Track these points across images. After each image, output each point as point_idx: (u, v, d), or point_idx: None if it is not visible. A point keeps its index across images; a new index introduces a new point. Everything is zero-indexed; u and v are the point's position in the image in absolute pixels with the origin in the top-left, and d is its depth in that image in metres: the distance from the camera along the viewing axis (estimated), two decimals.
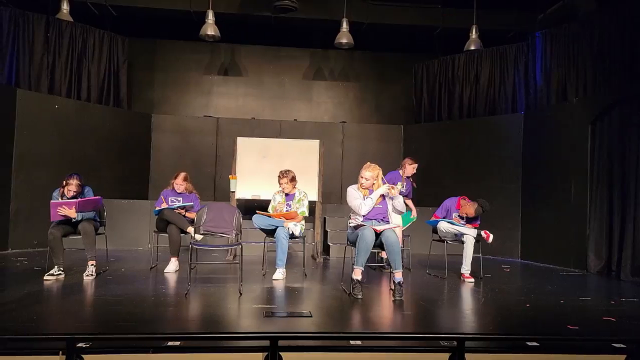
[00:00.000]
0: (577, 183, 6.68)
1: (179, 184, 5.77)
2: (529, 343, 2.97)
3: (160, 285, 4.95)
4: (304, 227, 5.56)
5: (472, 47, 7.96)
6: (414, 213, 6.23)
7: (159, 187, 7.01)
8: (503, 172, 7.89)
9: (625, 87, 6.24)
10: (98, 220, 5.41)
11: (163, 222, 5.57)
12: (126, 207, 7.72)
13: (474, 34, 7.93)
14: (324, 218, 7.78)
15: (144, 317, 3.69)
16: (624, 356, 2.74)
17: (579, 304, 4.50)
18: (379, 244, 4.54)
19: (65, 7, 7.61)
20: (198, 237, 5.05)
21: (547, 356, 2.85)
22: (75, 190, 5.11)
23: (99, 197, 5.31)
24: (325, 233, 7.74)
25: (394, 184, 5.47)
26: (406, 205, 5.72)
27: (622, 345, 2.88)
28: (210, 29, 7.78)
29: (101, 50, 8.63)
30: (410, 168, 6.13)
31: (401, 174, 6.12)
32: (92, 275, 5.05)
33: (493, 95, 8.62)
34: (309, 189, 6.20)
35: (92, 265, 5.09)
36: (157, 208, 5.62)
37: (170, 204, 5.68)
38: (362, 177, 4.70)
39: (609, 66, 6.61)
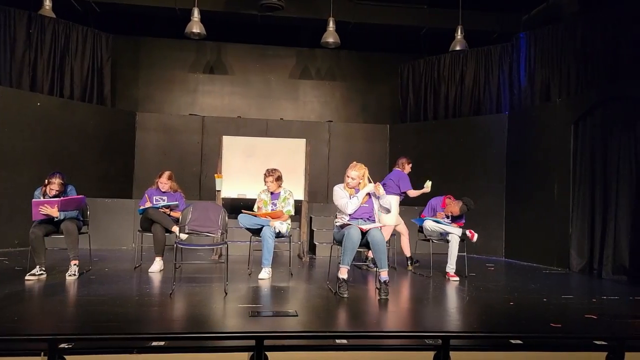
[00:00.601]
0: (560, 183, 6.77)
1: (164, 182, 5.72)
2: (512, 341, 3.00)
3: (145, 285, 4.90)
4: (290, 226, 5.55)
5: (458, 48, 8.02)
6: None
7: (144, 186, 6.94)
8: (488, 171, 7.97)
9: (607, 88, 6.33)
10: (81, 219, 5.33)
11: (147, 221, 5.51)
12: (110, 206, 7.64)
13: (459, 35, 7.98)
14: (310, 217, 7.77)
15: (128, 317, 3.65)
16: (605, 353, 2.78)
17: (561, 302, 4.55)
18: (365, 243, 4.55)
19: (47, 3, 7.48)
20: (183, 236, 5.02)
21: (530, 354, 2.88)
22: (57, 189, 5.03)
23: (82, 196, 5.23)
24: (311, 232, 7.74)
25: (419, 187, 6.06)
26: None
27: (603, 343, 2.92)
28: (195, 26, 7.72)
29: (84, 47, 8.52)
30: (408, 167, 6.41)
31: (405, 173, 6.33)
32: (74, 275, 4.98)
33: (478, 96, 8.69)
34: (295, 188, 6.19)
35: (74, 265, 5.02)
36: (142, 207, 5.56)
37: (154, 203, 5.62)
38: (348, 177, 4.70)
39: (591, 67, 6.71)
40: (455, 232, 5.62)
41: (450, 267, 5.60)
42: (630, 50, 6.04)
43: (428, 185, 6.11)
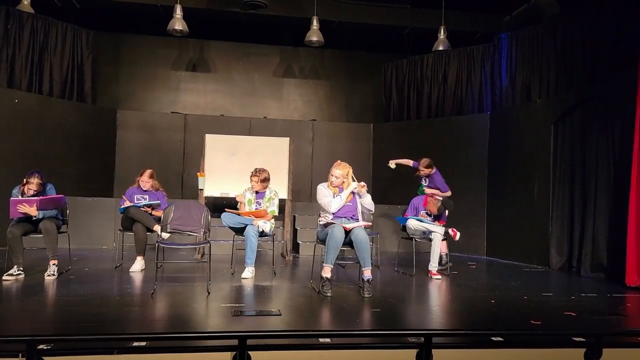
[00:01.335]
0: (540, 182, 6.87)
1: (145, 181, 5.66)
2: (493, 338, 3.04)
3: (126, 284, 4.84)
4: (273, 225, 5.53)
5: (441, 48, 8.08)
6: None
7: (125, 185, 6.84)
8: (470, 170, 8.04)
9: (585, 89, 6.44)
10: (60, 218, 5.24)
11: (129, 220, 5.44)
12: (90, 204, 7.53)
13: (442, 35, 8.04)
14: (294, 216, 7.76)
15: (109, 317, 3.60)
16: (584, 349, 2.83)
17: (541, 299, 4.62)
18: (349, 242, 4.56)
19: None
20: (165, 235, 4.97)
21: (511, 350, 2.91)
22: (36, 189, 4.94)
23: (62, 195, 5.14)
24: (294, 231, 7.73)
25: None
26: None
27: (582, 339, 2.98)
28: (178, 24, 7.64)
29: (64, 43, 8.37)
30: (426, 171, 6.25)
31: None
32: (53, 275, 4.89)
33: (460, 95, 8.77)
34: (278, 187, 6.17)
35: (53, 264, 4.93)
36: (122, 206, 5.49)
37: (136, 202, 5.56)
38: (332, 175, 4.71)
39: (571, 68, 6.82)
40: (437, 231, 5.66)
41: (433, 266, 5.64)
42: (607, 51, 6.16)
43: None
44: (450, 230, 5.72)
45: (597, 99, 6.16)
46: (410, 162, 6.46)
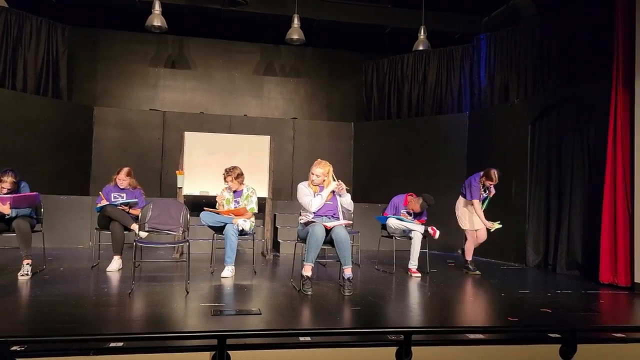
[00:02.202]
0: (518, 181, 6.97)
1: (122, 179, 5.57)
2: (472, 335, 3.07)
3: (102, 284, 4.75)
4: (253, 224, 5.51)
5: (421, 48, 8.12)
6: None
7: (101, 183, 6.72)
8: (449, 169, 8.12)
9: (561, 89, 6.56)
10: (34, 217, 5.13)
11: (105, 219, 5.35)
12: (65, 203, 7.37)
13: (422, 35, 8.09)
14: (274, 215, 7.73)
15: (85, 317, 3.54)
16: (559, 345, 2.88)
17: (518, 296, 4.70)
18: (329, 241, 4.56)
19: None
20: (143, 234, 4.89)
21: (489, 347, 2.95)
22: (9, 187, 4.82)
23: (36, 193, 5.03)
24: (275, 230, 7.70)
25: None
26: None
27: (557, 335, 3.03)
28: (156, 19, 7.52)
29: (39, 38, 8.18)
30: (487, 182, 5.91)
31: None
32: (27, 274, 4.78)
33: (440, 95, 8.85)
34: (259, 186, 6.14)
35: (27, 264, 4.82)
36: (99, 205, 5.39)
37: (113, 200, 5.47)
38: (313, 174, 4.70)
39: (547, 69, 6.94)
40: (417, 229, 5.71)
41: (413, 264, 5.69)
42: (583, 52, 6.28)
43: (494, 226, 5.89)
44: (430, 229, 5.77)
45: (573, 100, 6.28)
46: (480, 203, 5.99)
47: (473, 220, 5.98)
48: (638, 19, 5.04)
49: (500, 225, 5.89)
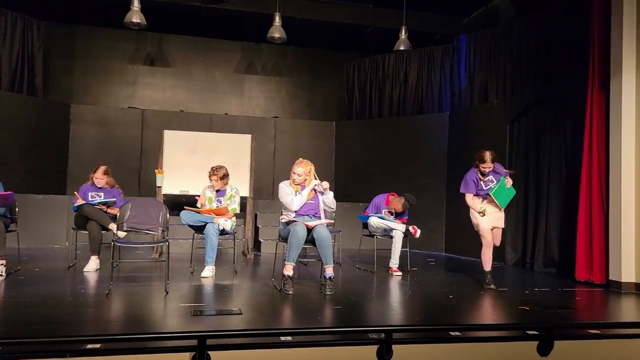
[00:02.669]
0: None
1: (99, 178, 5.47)
2: (452, 333, 3.10)
3: (79, 285, 4.67)
4: (234, 223, 5.47)
5: (402, 47, 8.16)
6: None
7: (78, 182, 6.60)
8: (430, 169, 8.19)
9: (540, 90, 6.67)
10: (9, 216, 5.01)
11: (82, 219, 5.25)
12: (41, 202, 7.22)
13: (403, 35, 8.13)
14: (255, 214, 7.69)
15: (61, 319, 3.46)
16: (537, 342, 2.93)
17: (497, 294, 4.75)
18: (311, 240, 4.55)
19: None
20: (121, 234, 4.82)
21: (468, 345, 2.98)
22: None
23: (10, 192, 4.91)
24: (256, 229, 7.66)
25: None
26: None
27: (535, 332, 3.07)
28: (135, 16, 7.40)
29: (13, 33, 7.98)
30: (481, 166, 5.16)
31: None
32: (1, 275, 4.66)
33: (421, 95, 8.92)
34: (240, 185, 6.10)
35: (1, 264, 4.70)
36: (75, 204, 5.29)
37: (90, 199, 5.37)
38: (295, 173, 4.69)
39: (526, 70, 7.04)
40: (399, 228, 5.74)
41: (394, 262, 5.72)
42: (560, 53, 6.39)
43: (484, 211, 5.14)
44: (410, 228, 5.81)
45: (551, 100, 6.39)
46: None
47: (485, 220, 5.11)
48: (613, 21, 5.15)
49: (484, 209, 5.10)
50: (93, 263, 5.27)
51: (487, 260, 5.10)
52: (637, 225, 4.95)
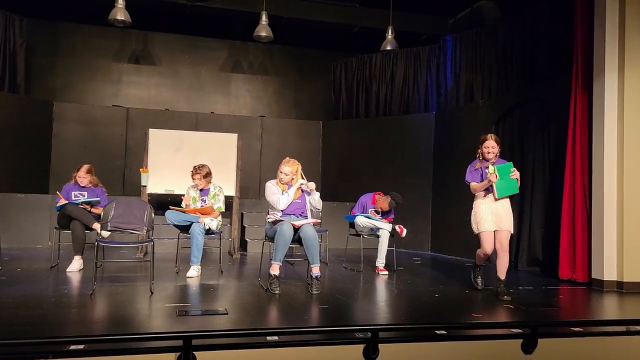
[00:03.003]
0: None
1: (82, 177, 5.40)
2: (437, 332, 3.11)
3: (62, 285, 4.60)
4: (220, 223, 5.44)
5: (388, 47, 8.19)
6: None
7: (62, 181, 6.50)
8: (416, 168, 8.23)
9: (524, 91, 6.74)
10: None
11: (65, 218, 5.18)
12: (23, 201, 7.10)
13: (390, 35, 8.16)
14: (242, 213, 7.66)
15: (44, 319, 3.41)
16: (521, 340, 2.96)
17: (482, 293, 4.79)
18: (297, 239, 4.55)
19: None
20: (105, 233, 4.76)
21: (454, 343, 2.99)
22: None
23: None
24: (242, 229, 7.63)
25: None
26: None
27: (519, 331, 3.11)
28: (120, 13, 7.30)
29: None
30: (480, 150, 4.73)
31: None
32: None
33: (407, 95, 8.96)
34: (226, 184, 6.07)
35: None
36: (58, 204, 5.21)
37: (74, 198, 5.30)
38: (282, 172, 4.68)
39: (511, 70, 7.11)
40: (385, 228, 5.76)
41: (380, 262, 5.73)
42: (545, 54, 6.46)
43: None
44: (397, 227, 5.83)
45: (535, 101, 6.46)
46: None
47: (483, 220, 4.54)
48: (596, 22, 5.22)
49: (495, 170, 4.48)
50: (76, 263, 5.20)
51: (479, 258, 4.71)
52: (619, 225, 5.02)
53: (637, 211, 4.99)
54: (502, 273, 4.50)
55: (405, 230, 5.85)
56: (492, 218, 4.50)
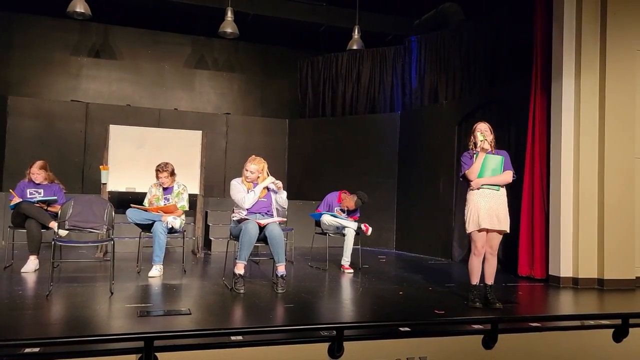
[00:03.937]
0: (445, 179, 7.25)
1: (36, 173, 5.20)
2: (401, 328, 3.15)
3: (17, 286, 4.41)
4: (184, 221, 5.33)
5: (355, 47, 8.25)
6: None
7: (16, 178, 6.24)
8: (381, 167, 8.32)
9: (486, 92, 6.90)
10: None
11: (20, 217, 4.97)
12: None
13: (356, 34, 8.22)
14: (206, 212, 7.55)
15: None
16: (482, 336, 3.02)
17: (444, 290, 4.88)
18: (263, 238, 4.51)
19: None
20: (62, 232, 4.59)
21: (417, 340, 3.03)
22: None
23: None
24: (206, 227, 7.52)
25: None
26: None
27: (480, 327, 3.17)
28: (79, 5, 7.08)
29: None
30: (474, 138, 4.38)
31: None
32: None
33: (373, 94, 9.03)
34: (190, 182, 5.97)
35: None
36: (12, 202, 5.00)
37: (29, 196, 5.09)
38: (247, 170, 4.63)
39: (474, 72, 7.27)
40: (351, 226, 5.79)
41: (346, 260, 5.76)
42: (506, 56, 6.63)
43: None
44: (362, 226, 5.87)
45: (497, 102, 6.62)
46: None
47: (476, 218, 4.19)
48: (555, 26, 5.39)
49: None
50: (32, 263, 5.00)
51: (476, 271, 4.19)
52: (574, 223, 5.21)
53: (592, 211, 5.18)
54: (490, 279, 4.22)
55: (370, 229, 5.90)
56: (488, 216, 4.13)
